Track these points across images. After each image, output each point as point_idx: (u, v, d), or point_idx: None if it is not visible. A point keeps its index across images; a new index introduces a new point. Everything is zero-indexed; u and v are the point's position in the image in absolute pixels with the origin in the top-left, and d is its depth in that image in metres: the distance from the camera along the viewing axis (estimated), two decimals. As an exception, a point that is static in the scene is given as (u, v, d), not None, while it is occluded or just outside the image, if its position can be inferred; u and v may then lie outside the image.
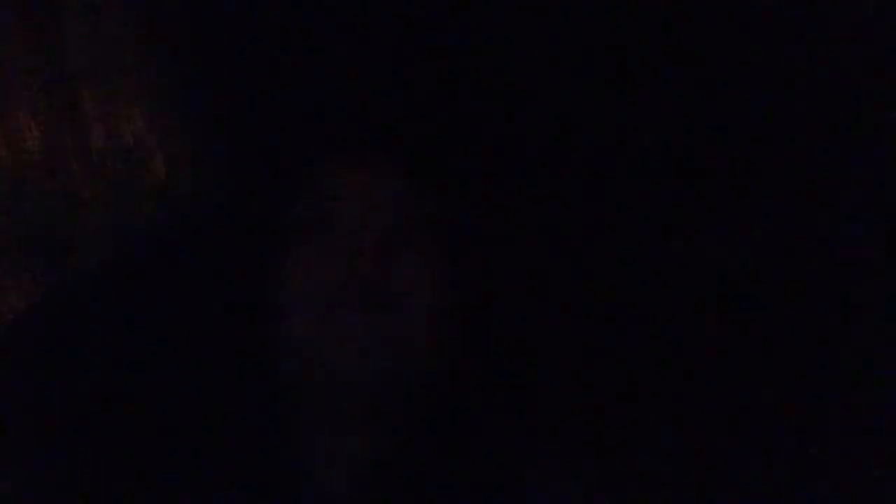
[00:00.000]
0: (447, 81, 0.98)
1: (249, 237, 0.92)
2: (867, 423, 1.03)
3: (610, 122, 1.07)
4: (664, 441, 1.03)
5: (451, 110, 0.97)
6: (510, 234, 1.03)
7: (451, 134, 0.95)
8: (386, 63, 0.96)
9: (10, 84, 1.05)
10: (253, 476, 0.88)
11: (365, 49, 0.97)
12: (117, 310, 0.96)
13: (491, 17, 1.04)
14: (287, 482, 0.88)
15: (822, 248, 1.07)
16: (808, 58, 1.07)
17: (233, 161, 1.02)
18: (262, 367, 0.89)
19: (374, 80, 0.94)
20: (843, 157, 1.07)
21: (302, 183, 0.89)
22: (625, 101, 1.07)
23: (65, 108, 1.05)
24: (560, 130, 1.07)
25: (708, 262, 1.08)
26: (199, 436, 0.88)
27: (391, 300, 0.86)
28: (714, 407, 1.05)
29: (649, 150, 1.07)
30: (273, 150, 0.94)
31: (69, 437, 0.90)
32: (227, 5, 1.04)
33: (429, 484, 0.89)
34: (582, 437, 1.01)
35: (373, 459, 0.89)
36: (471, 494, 0.88)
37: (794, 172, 1.07)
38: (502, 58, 1.05)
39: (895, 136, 1.05)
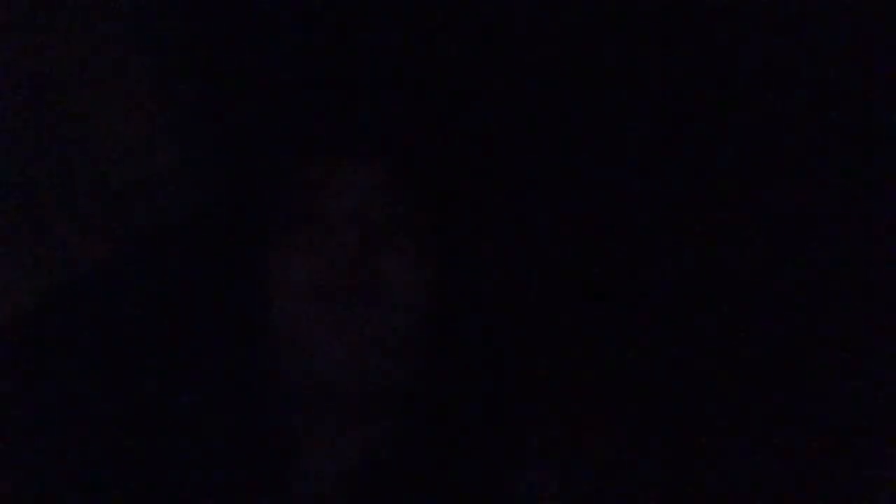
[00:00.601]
0: (435, 76, 0.98)
1: (235, 232, 0.92)
2: (867, 424, 1.03)
3: (603, 117, 1.07)
4: (661, 441, 1.04)
5: (439, 106, 0.97)
6: (499, 228, 1.03)
7: (437, 128, 0.95)
8: (372, 58, 0.96)
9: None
10: (244, 473, 0.88)
11: (351, 44, 0.98)
12: (109, 310, 0.97)
13: (482, 11, 1.05)
14: (278, 480, 0.88)
15: (821, 247, 1.07)
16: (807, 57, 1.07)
17: (218, 156, 1.02)
18: (251, 364, 0.90)
19: (359, 74, 0.94)
20: (842, 157, 1.07)
21: (287, 177, 0.89)
22: (619, 96, 1.07)
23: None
24: (550, 125, 1.07)
25: (704, 261, 1.08)
26: (189, 432, 0.88)
27: (377, 295, 0.86)
28: (712, 407, 1.05)
29: (644, 145, 1.07)
30: (258, 145, 0.94)
31: (64, 436, 0.90)
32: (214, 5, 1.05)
33: (421, 481, 0.89)
34: (576, 434, 1.01)
35: (364, 457, 0.89)
36: (463, 492, 0.88)
37: (793, 172, 1.08)
38: (492, 52, 1.05)
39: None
